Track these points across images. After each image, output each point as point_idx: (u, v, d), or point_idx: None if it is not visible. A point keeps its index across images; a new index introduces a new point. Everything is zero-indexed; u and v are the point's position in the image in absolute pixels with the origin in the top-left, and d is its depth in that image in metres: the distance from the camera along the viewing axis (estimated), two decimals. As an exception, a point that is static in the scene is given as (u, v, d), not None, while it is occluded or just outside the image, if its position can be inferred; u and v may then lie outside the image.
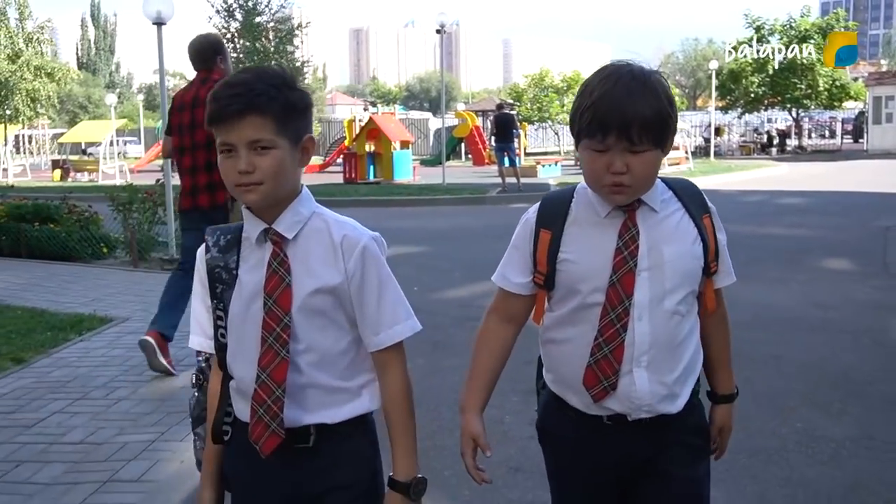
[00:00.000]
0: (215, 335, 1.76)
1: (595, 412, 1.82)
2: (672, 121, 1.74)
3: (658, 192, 1.82)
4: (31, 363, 5.19)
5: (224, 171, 1.69)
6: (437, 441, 4.06)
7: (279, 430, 1.68)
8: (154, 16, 8.92)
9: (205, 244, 1.79)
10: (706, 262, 1.84)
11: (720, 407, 2.01)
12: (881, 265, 9.10)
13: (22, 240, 9.94)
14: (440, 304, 7.27)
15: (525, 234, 1.88)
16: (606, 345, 1.77)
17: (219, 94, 1.68)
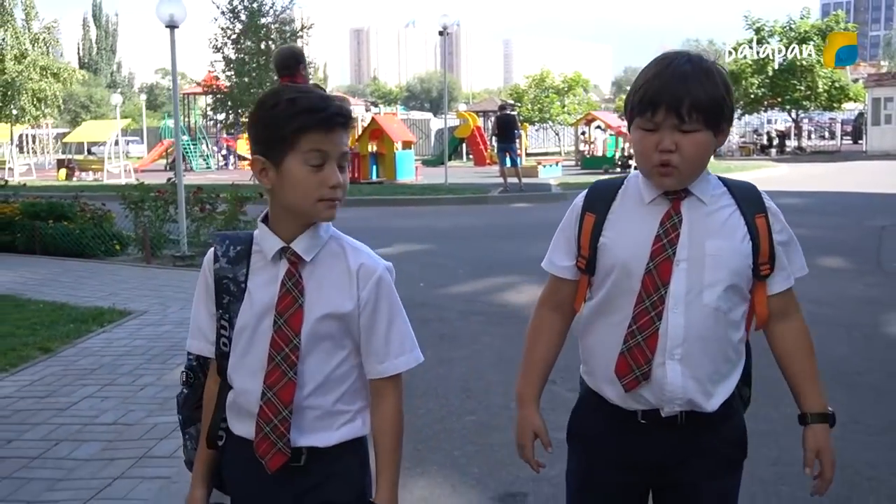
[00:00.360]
0: (217, 342, 1.77)
1: (630, 406, 1.80)
2: (726, 106, 1.73)
3: (710, 185, 1.80)
4: (58, 353, 5.44)
5: (308, 182, 1.66)
6: (446, 425, 4.30)
7: (286, 448, 1.70)
8: (167, 19, 9.16)
9: (213, 252, 1.78)
10: (755, 263, 1.79)
11: (811, 428, 1.86)
12: (875, 263, 9.31)
13: (36, 237, 10.17)
14: (445, 300, 7.51)
15: (571, 217, 1.89)
16: (640, 332, 1.75)
17: (322, 105, 1.67)
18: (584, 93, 40.39)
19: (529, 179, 20.73)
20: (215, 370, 1.79)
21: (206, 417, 1.81)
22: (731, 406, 1.82)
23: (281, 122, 1.65)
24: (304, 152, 1.64)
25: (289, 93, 1.70)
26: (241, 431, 1.74)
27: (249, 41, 22.49)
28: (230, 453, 1.79)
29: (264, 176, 1.69)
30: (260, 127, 1.70)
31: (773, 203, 1.84)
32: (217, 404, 1.79)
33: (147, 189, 10.65)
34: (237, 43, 22.45)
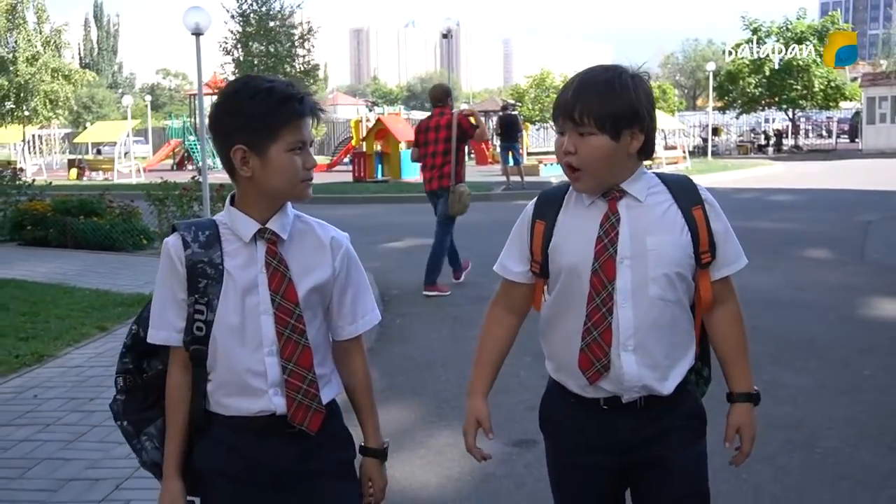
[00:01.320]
0: (188, 329, 1.78)
1: (592, 395, 1.91)
2: (630, 114, 1.82)
3: (645, 183, 1.90)
4: (113, 331, 6.06)
5: (293, 167, 1.78)
6: (463, 389, 4.84)
7: (320, 407, 1.81)
8: (193, 27, 9.77)
9: (181, 239, 1.80)
10: (696, 253, 1.89)
11: (735, 406, 2.00)
12: (858, 255, 9.89)
13: (68, 232, 10.78)
14: (457, 287, 8.15)
15: (522, 225, 2.00)
16: (595, 329, 1.86)
17: (298, 95, 1.79)
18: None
19: (531, 178, 21.34)
20: (182, 360, 1.81)
21: (180, 408, 1.81)
22: (686, 386, 1.94)
23: (264, 114, 1.74)
24: (287, 141, 1.75)
25: (259, 82, 1.80)
26: (233, 411, 1.79)
27: (258, 44, 23.11)
28: (213, 436, 1.82)
29: (245, 164, 1.77)
30: (237, 118, 1.77)
31: (710, 194, 1.95)
32: (195, 390, 1.81)
33: (169, 187, 11.25)
34: (246, 46, 23.06)
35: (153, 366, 1.88)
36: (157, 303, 1.82)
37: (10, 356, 5.28)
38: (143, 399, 1.86)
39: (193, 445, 1.83)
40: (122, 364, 1.89)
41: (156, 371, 1.87)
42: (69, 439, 3.89)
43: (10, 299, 7.04)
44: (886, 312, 6.90)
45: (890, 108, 35.61)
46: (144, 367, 1.87)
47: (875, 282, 8.16)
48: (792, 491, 3.59)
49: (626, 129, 1.82)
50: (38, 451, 3.79)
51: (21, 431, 4.04)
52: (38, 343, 5.58)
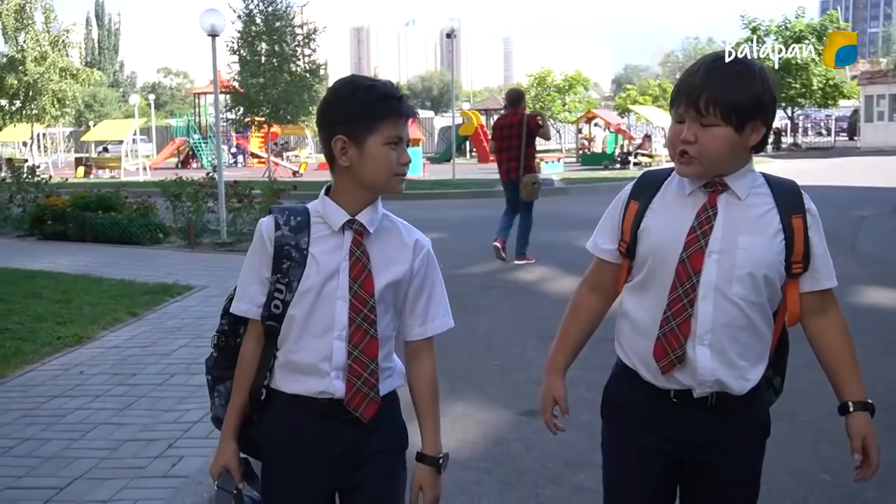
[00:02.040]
0: (267, 305, 1.88)
1: (663, 385, 1.89)
2: (755, 107, 1.79)
3: (748, 181, 1.86)
4: (143, 317, 6.44)
5: (389, 160, 1.87)
6: (475, 368, 5.32)
7: (376, 396, 1.87)
8: (209, 28, 10.16)
9: (273, 221, 1.90)
10: (788, 261, 1.84)
11: (855, 416, 1.92)
12: (850, 248, 10.25)
13: (87, 226, 11.16)
14: (464, 278, 8.53)
15: (618, 203, 1.99)
16: (674, 319, 1.84)
17: (397, 94, 1.90)
18: (584, 91, 41.25)
19: (533, 175, 21.67)
20: (257, 332, 1.91)
21: (247, 376, 1.91)
22: (759, 391, 1.90)
23: (366, 108, 1.84)
24: (385, 135, 1.84)
25: (362, 80, 1.92)
26: (296, 389, 1.88)
27: (264, 43, 23.47)
28: (276, 412, 1.91)
29: (343, 154, 1.86)
30: (342, 110, 1.87)
31: (814, 205, 1.89)
32: (262, 364, 1.90)
33: (185, 184, 11.62)
34: (252, 45, 23.43)
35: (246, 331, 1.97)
36: (244, 276, 1.94)
37: (53, 338, 5.68)
38: (230, 358, 1.96)
39: (253, 417, 1.93)
40: (220, 324, 2.00)
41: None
42: (119, 408, 4.28)
43: (42, 288, 7.44)
44: (872, 300, 7.27)
45: (888, 106, 35.97)
46: (240, 332, 1.97)
47: (864, 272, 8.53)
48: (775, 450, 3.96)
49: (750, 122, 1.79)
50: (93, 417, 4.18)
51: (74, 402, 4.43)
52: (76, 327, 5.97)
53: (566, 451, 3.89)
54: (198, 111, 36.99)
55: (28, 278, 8.02)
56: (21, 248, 10.65)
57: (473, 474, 3.72)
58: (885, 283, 7.82)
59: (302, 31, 24.00)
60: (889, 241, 10.83)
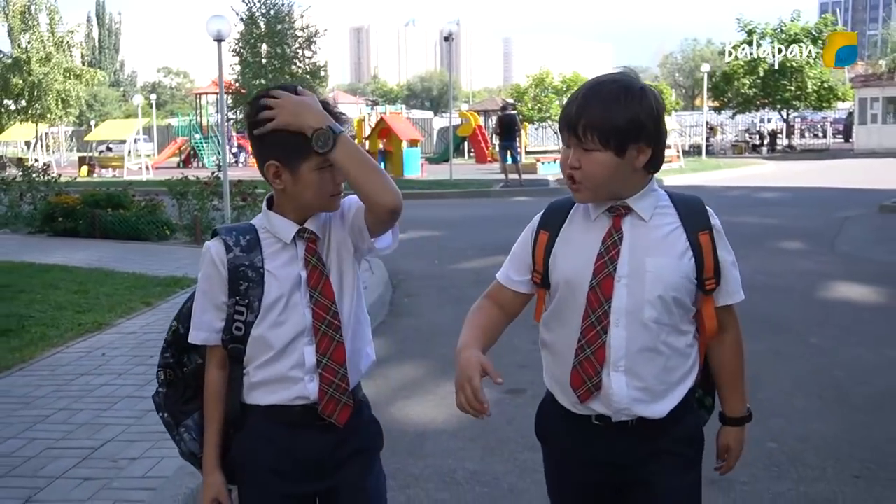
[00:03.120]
0: (227, 329, 1.86)
1: (582, 412, 1.88)
2: (635, 129, 1.77)
3: (651, 201, 1.86)
4: (157, 306, 6.88)
5: (323, 183, 1.84)
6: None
7: (349, 400, 1.89)
8: (215, 33, 10.61)
9: (223, 244, 1.87)
10: (700, 279, 1.84)
11: (726, 429, 2.01)
12: (830, 246, 10.69)
13: (96, 223, 11.59)
14: (459, 272, 8.98)
15: (528, 234, 1.98)
16: (588, 346, 1.83)
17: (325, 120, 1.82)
18: (582, 93, 41.60)
19: (529, 175, 22.13)
20: (219, 358, 1.90)
21: (218, 405, 1.90)
22: (684, 409, 1.89)
23: (295, 134, 1.79)
24: (317, 160, 1.81)
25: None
26: (269, 400, 1.88)
27: (266, 45, 23.93)
28: (249, 426, 1.90)
29: (277, 178, 1.84)
30: (272, 136, 1.81)
31: (718, 220, 1.90)
32: (232, 388, 1.89)
33: (190, 183, 12.05)
34: (254, 47, 23.89)
35: (192, 360, 1.96)
36: (199, 305, 1.91)
37: (74, 324, 6.12)
38: (182, 391, 1.94)
39: (231, 439, 1.92)
40: (164, 358, 1.97)
41: (195, 365, 1.95)
42: (141, 384, 4.71)
43: (59, 280, 7.88)
44: (843, 293, 7.71)
45: (881, 108, 36.39)
46: (185, 362, 1.96)
47: (839, 269, 8.98)
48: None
49: (632, 144, 1.78)
50: (118, 392, 4.63)
51: (99, 379, 4.87)
52: (95, 314, 6.41)
53: (544, 423, 4.34)
54: (199, 111, 37.44)
55: (44, 271, 8.46)
56: (34, 244, 11.09)
57: (460, 442, 4.17)
58: (856, 279, 8.24)
59: (303, 34, 24.45)
60: (867, 241, 11.25)
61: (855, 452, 4.01)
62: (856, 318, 6.78)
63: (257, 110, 1.82)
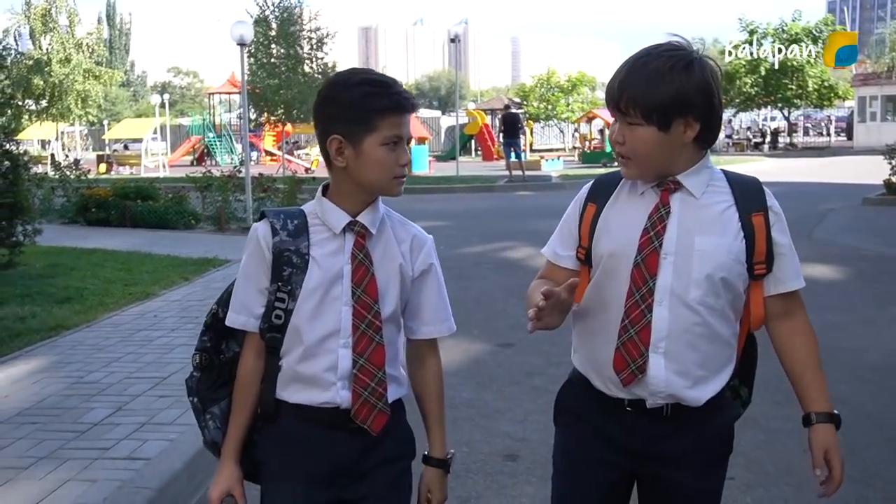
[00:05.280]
0: (267, 316, 1.78)
1: (617, 395, 1.79)
2: (679, 103, 1.69)
3: (704, 177, 1.77)
4: (194, 281, 7.81)
5: (388, 161, 1.75)
6: (465, 317, 6.62)
7: (385, 408, 1.78)
8: (238, 38, 11.54)
9: (270, 227, 1.79)
10: (749, 262, 1.75)
11: (818, 428, 1.81)
12: (808, 234, 11.48)
13: (127, 213, 12.55)
14: (462, 255, 9.89)
15: (575, 207, 1.90)
16: (632, 326, 1.74)
17: (397, 89, 1.77)
18: (589, 91, 42.27)
19: (533, 172, 23.00)
20: (256, 346, 1.82)
21: (249, 394, 1.82)
22: (720, 402, 1.81)
23: (362, 105, 1.73)
24: (383, 135, 1.74)
25: (362, 73, 1.80)
26: (300, 399, 1.79)
27: (280, 47, 24.87)
28: (278, 423, 1.82)
29: (340, 154, 1.76)
30: (336, 108, 1.76)
31: (777, 203, 1.80)
32: (267, 378, 1.81)
33: (212, 178, 13.01)
34: (269, 49, 24.83)
35: (230, 347, 1.89)
36: (240, 287, 1.83)
37: (125, 294, 7.06)
38: (215, 378, 1.88)
39: (258, 433, 1.85)
40: (201, 342, 1.90)
41: (233, 353, 1.88)
42: (194, 335, 5.47)
43: (103, 260, 8.84)
44: (806, 272, 8.38)
45: (880, 106, 37.07)
46: (222, 348, 1.89)
47: (809, 252, 9.74)
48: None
49: (678, 119, 1.70)
50: (174, 341, 5.55)
51: (156, 333, 5.80)
52: (142, 287, 7.35)
53: (527, 366, 5.24)
54: (212, 110, 38.41)
55: (88, 254, 9.40)
56: (71, 233, 12.02)
57: (456, 379, 5.06)
58: (820, 261, 9.10)
59: (315, 36, 25.37)
60: (845, 229, 12.07)
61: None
62: (810, 290, 7.56)
63: (354, 85, 1.77)
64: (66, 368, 4.92)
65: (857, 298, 7.38)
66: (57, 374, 4.80)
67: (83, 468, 3.41)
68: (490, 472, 3.72)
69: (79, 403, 4.26)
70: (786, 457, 3.81)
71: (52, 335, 5.69)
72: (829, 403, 1.85)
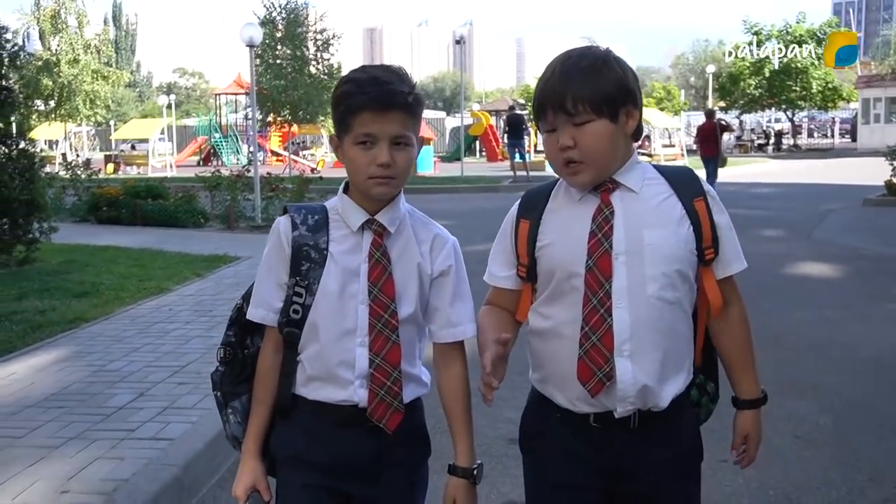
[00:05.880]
0: (285, 311, 1.78)
1: (582, 410, 1.75)
2: (623, 92, 1.70)
3: (640, 172, 1.76)
4: (206, 276, 8.01)
5: (360, 161, 1.73)
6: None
7: (401, 406, 1.77)
8: (247, 39, 11.75)
9: (289, 221, 1.80)
10: (699, 248, 1.74)
11: (743, 413, 1.88)
12: (807, 234, 11.67)
13: (138, 212, 12.76)
14: (467, 253, 9.88)
15: (507, 226, 1.87)
16: (593, 333, 1.69)
17: (372, 87, 1.71)
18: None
19: (537, 172, 23.13)
20: (275, 341, 1.82)
21: (268, 389, 1.83)
22: (684, 403, 1.79)
23: (338, 104, 1.75)
24: (354, 133, 1.72)
25: (358, 71, 1.79)
26: (318, 396, 1.79)
27: (286, 48, 25.11)
28: (295, 418, 1.82)
29: (338, 153, 1.80)
30: (332, 108, 1.80)
31: (711, 187, 1.82)
32: (284, 374, 1.81)
33: (221, 177, 13.22)
34: (275, 50, 25.07)
35: (255, 343, 1.90)
36: (260, 281, 1.84)
37: (140, 289, 7.27)
38: (239, 372, 1.88)
39: (274, 428, 1.86)
40: (226, 336, 1.91)
41: (256, 348, 1.89)
42: (209, 327, 5.82)
43: (117, 257, 9.06)
44: (805, 270, 8.75)
45: (884, 108, 37.17)
46: (248, 343, 1.90)
47: (810, 252, 9.98)
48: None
49: (622, 108, 1.71)
50: (190, 333, 5.75)
51: (172, 325, 6.00)
52: (156, 282, 7.56)
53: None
54: (218, 111, 38.66)
55: (102, 251, 9.63)
56: (83, 231, 12.24)
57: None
58: (818, 259, 9.28)
59: (322, 37, 25.61)
60: (842, 229, 12.23)
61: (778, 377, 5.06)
62: (807, 288, 7.82)
63: (341, 84, 1.78)
64: (88, 358, 5.13)
65: (854, 296, 7.55)
66: (79, 363, 5.01)
67: (111, 447, 3.61)
68: (495, 454, 3.90)
69: (102, 390, 4.46)
70: (774, 440, 3.98)
71: (72, 327, 5.90)
72: (757, 386, 1.89)
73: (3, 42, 8.71)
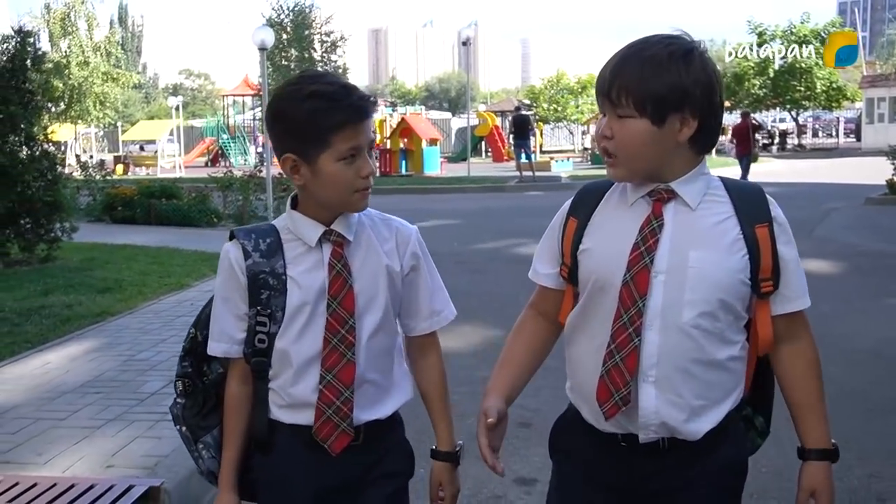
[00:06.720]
0: (250, 341, 1.72)
1: (607, 429, 1.65)
2: (676, 96, 1.53)
3: (700, 186, 1.61)
4: (223, 274, 8.26)
5: (345, 177, 1.66)
6: (481, 306, 7.08)
7: (349, 429, 1.71)
8: (259, 42, 12.03)
9: (241, 248, 1.72)
10: (754, 279, 1.59)
11: (809, 465, 1.68)
12: (809, 232, 11.84)
13: (152, 212, 13.06)
14: (474, 252, 10.33)
15: (557, 222, 1.77)
16: (618, 352, 1.58)
17: (349, 97, 1.65)
18: (600, 92, 42.60)
19: (542, 172, 23.44)
20: (241, 372, 1.77)
21: (238, 422, 1.78)
22: (726, 434, 1.65)
23: (313, 121, 1.63)
24: (338, 150, 1.64)
25: (310, 85, 1.67)
26: (293, 419, 1.75)
27: (294, 50, 25.42)
28: (275, 445, 1.78)
29: (295, 173, 1.68)
30: (287, 124, 1.67)
31: (782, 213, 1.66)
32: (257, 403, 1.76)
33: (233, 178, 13.51)
34: (284, 52, 25.38)
35: (213, 369, 1.85)
36: (217, 314, 1.77)
37: (161, 284, 7.56)
38: (202, 404, 1.83)
39: (253, 455, 1.81)
40: (182, 368, 1.85)
41: (217, 375, 1.84)
42: (229, 321, 6.06)
43: (135, 255, 9.34)
44: (806, 267, 8.37)
45: (888, 108, 37.29)
46: (205, 371, 1.85)
47: (808, 249, 10.10)
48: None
49: (674, 113, 1.55)
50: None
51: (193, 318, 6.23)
52: (175, 278, 7.85)
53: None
54: (226, 112, 38.99)
55: (120, 249, 9.91)
56: (99, 230, 12.53)
57: (474, 360, 5.47)
58: (818, 257, 9.48)
59: (328, 40, 25.92)
60: (846, 227, 12.43)
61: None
62: (808, 284, 8.02)
63: (298, 100, 1.66)
64: (117, 348, 5.40)
65: (853, 291, 7.77)
66: (109, 354, 5.27)
67: (148, 428, 3.88)
68: (506, 437, 4.13)
69: (134, 377, 4.73)
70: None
71: (99, 320, 6.17)
72: (828, 437, 1.71)
73: (27, 46, 8.98)
